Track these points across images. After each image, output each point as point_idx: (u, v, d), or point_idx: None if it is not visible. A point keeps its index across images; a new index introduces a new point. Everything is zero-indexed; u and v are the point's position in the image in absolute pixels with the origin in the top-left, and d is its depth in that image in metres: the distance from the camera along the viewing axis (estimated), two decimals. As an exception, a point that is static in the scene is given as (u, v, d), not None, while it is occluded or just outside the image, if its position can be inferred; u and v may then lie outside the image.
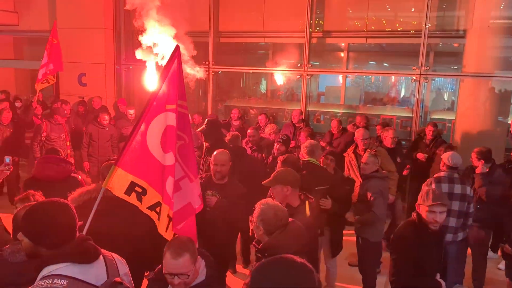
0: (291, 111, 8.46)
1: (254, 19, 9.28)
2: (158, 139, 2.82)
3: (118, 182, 2.77)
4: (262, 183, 3.46)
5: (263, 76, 12.73)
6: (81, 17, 9.64)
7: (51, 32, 8.19)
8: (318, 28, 8.83)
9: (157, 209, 2.84)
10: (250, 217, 2.96)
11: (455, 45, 8.66)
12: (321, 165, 4.71)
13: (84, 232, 2.63)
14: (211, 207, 3.92)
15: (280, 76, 10.08)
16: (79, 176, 4.26)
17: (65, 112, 7.90)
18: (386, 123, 7.34)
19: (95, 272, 2.03)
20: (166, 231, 2.82)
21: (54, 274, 1.92)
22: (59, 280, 1.89)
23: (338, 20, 8.88)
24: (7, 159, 4.38)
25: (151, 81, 6.82)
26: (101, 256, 2.11)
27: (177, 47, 2.88)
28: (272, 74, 11.44)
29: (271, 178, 3.42)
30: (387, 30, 8.63)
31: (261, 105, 10.52)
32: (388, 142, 5.93)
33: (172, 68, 2.84)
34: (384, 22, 8.67)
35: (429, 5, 7.59)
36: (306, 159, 4.73)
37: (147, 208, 2.84)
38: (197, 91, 11.82)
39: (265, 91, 12.73)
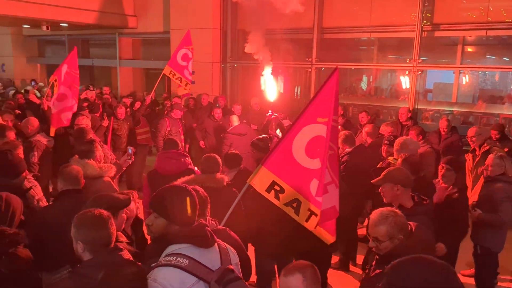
0: (396, 108, 8.08)
1: (360, 14, 9.01)
2: (303, 146, 3.17)
3: (261, 179, 3.15)
4: (372, 181, 3.35)
5: (365, 73, 12.33)
6: (192, 18, 10.22)
7: (187, 40, 8.53)
8: (425, 22, 8.30)
9: (294, 205, 3.19)
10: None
11: None
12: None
13: (223, 223, 2.84)
14: None
15: (385, 72, 9.68)
16: (195, 168, 4.52)
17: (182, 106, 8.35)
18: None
19: (211, 257, 2.14)
20: (306, 222, 3.20)
21: (177, 252, 2.06)
22: (181, 259, 2.04)
23: (452, 12, 8.26)
24: (130, 149, 4.81)
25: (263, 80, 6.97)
26: (216, 244, 2.23)
27: (336, 69, 3.19)
28: (375, 70, 11.04)
29: (381, 176, 3.29)
30: (506, 21, 7.82)
31: (364, 102, 10.20)
32: None
33: (329, 87, 3.14)
34: (503, 12, 7.86)
35: None
36: (388, 159, 4.56)
37: (283, 204, 3.19)
38: (298, 88, 11.86)
39: (366, 88, 12.32)
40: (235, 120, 7.44)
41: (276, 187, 3.15)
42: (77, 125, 5.85)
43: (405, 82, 9.86)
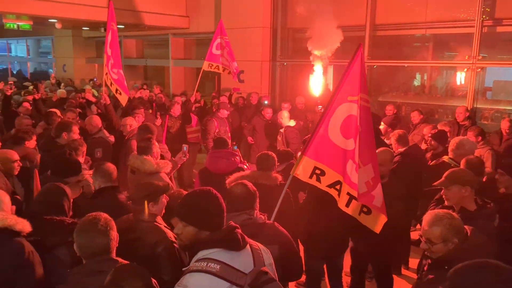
0: (452, 107, 7.74)
1: (415, 10, 8.72)
2: (338, 126, 3.18)
3: (304, 168, 3.20)
4: (434, 183, 3.22)
5: (418, 70, 11.92)
6: (242, 18, 10.32)
7: (221, 31, 8.44)
8: (485, 16, 7.88)
9: (337, 187, 3.20)
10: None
11: None
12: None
13: (272, 218, 2.90)
14: None
15: (441, 69, 9.30)
16: (245, 166, 4.59)
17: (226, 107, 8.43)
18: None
19: (243, 260, 2.09)
20: (347, 207, 3.19)
21: (207, 257, 2.02)
22: (213, 264, 1.99)
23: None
24: (185, 147, 4.94)
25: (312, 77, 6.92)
26: (248, 245, 2.18)
27: (360, 45, 3.17)
28: (430, 67, 10.64)
29: (443, 178, 3.16)
30: None
31: (418, 101, 9.85)
32: None
33: (355, 64, 3.14)
34: None
35: None
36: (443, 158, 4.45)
37: (326, 186, 3.22)
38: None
39: (419, 86, 11.88)
40: (285, 116, 7.43)
41: (317, 171, 3.19)
42: (123, 125, 6.02)
43: (462, 79, 9.44)
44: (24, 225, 2.59)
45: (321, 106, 6.67)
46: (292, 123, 7.40)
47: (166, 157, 5.04)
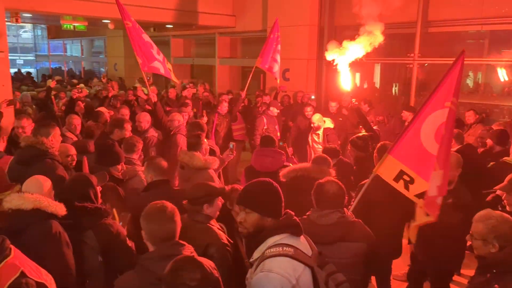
0: (510, 107, 7.31)
1: (471, 5, 8.34)
2: (432, 133, 3.08)
3: (387, 168, 3.14)
4: (495, 188, 3.07)
5: (471, 68, 11.40)
6: (289, 16, 10.26)
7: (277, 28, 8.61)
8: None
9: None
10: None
11: None
12: None
13: (352, 209, 2.97)
14: None
15: (498, 67, 8.84)
16: (290, 164, 4.56)
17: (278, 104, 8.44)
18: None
19: (303, 244, 2.22)
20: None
21: (280, 243, 2.13)
22: (287, 248, 2.10)
23: None
24: (231, 145, 5.00)
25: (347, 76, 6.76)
26: None
27: (463, 51, 3.16)
28: (485, 65, 10.16)
29: (506, 182, 3.00)
30: None
31: (471, 100, 9.42)
32: None
33: (455, 69, 3.10)
34: None
35: None
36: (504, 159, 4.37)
37: (414, 195, 3.11)
38: (397, 84, 11.35)
39: (473, 84, 11.36)
40: (317, 119, 7.24)
41: (406, 177, 3.08)
42: (170, 120, 6.09)
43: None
44: (57, 208, 2.76)
45: (355, 99, 6.47)
46: (329, 124, 7.20)
47: (215, 150, 5.11)
